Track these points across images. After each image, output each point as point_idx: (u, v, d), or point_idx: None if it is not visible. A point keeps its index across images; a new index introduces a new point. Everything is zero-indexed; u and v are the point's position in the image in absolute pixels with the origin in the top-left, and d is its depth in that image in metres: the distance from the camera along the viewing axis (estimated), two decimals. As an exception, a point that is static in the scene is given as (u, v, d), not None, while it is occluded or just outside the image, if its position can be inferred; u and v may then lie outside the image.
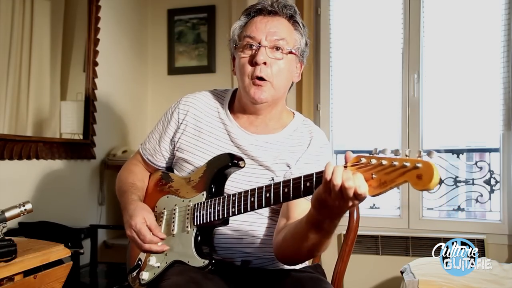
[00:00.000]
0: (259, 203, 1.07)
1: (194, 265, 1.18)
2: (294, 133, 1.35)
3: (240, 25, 1.31)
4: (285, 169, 1.29)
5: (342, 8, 3.05)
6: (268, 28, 1.25)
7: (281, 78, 1.27)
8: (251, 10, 1.30)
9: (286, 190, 1.02)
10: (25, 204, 1.18)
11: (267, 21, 1.26)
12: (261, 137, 1.32)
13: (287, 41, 1.26)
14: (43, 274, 1.22)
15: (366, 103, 3.03)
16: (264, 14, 1.28)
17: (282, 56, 1.26)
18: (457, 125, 2.90)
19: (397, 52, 2.89)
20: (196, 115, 1.38)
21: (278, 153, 1.30)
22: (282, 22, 1.27)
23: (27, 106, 2.31)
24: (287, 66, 1.28)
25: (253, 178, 1.28)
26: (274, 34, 1.25)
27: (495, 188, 2.79)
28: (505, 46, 2.65)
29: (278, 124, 1.36)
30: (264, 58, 1.23)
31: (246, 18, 1.31)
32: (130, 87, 3.16)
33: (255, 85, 1.25)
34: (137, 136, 3.21)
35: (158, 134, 1.43)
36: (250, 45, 1.26)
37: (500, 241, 2.66)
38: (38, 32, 2.36)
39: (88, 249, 2.53)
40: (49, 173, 2.43)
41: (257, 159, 1.29)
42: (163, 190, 1.37)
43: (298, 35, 1.30)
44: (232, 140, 1.32)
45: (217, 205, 1.16)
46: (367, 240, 2.80)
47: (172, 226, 1.26)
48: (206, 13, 3.22)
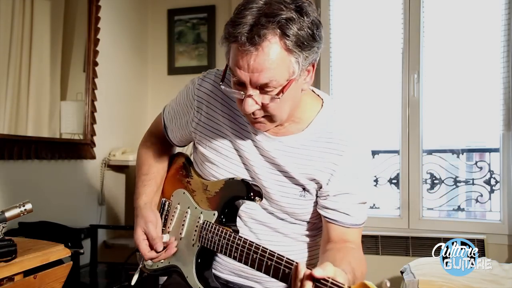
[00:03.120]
0: (259, 267, 1.00)
1: (190, 284, 1.17)
2: (321, 133, 1.13)
3: (226, 44, 1.02)
4: (313, 185, 1.14)
5: (342, 8, 3.05)
6: (251, 68, 0.96)
7: (281, 110, 1.04)
8: (225, 33, 0.99)
9: (287, 270, 0.94)
10: (25, 204, 1.17)
11: (248, 57, 0.96)
12: (284, 139, 1.14)
13: (277, 79, 0.98)
14: (43, 274, 1.22)
15: (366, 103, 3.03)
16: (242, 45, 0.95)
17: (275, 94, 1.00)
18: (457, 125, 2.90)
19: (397, 52, 2.89)
20: (216, 106, 1.20)
21: (302, 162, 1.13)
22: (267, 53, 0.95)
23: (27, 106, 2.31)
24: (286, 96, 1.02)
25: (284, 188, 1.15)
26: (258, 78, 0.97)
27: (495, 188, 2.78)
28: (505, 46, 2.65)
29: (304, 120, 1.14)
30: (252, 108, 1.02)
31: (226, 43, 1.01)
32: (130, 87, 3.16)
33: (256, 122, 1.07)
34: (137, 136, 3.21)
35: (178, 119, 1.30)
36: (237, 85, 1.03)
37: (500, 241, 2.66)
38: (38, 32, 2.36)
39: (88, 249, 2.53)
40: (49, 173, 2.43)
41: (283, 168, 1.14)
42: (181, 181, 1.32)
43: (294, 58, 0.98)
44: (256, 144, 1.16)
45: (223, 238, 1.10)
46: (367, 240, 2.80)
47: (181, 229, 1.25)
48: (206, 13, 3.22)
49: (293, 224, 1.20)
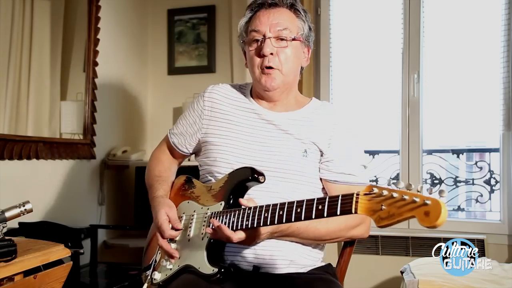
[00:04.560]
0: (272, 219, 1.09)
1: (203, 272, 1.20)
2: (316, 111, 1.40)
3: (245, 21, 1.40)
4: (315, 148, 1.34)
5: (342, 8, 3.05)
6: (271, 20, 1.33)
7: (289, 64, 1.34)
8: (253, 5, 1.38)
9: (298, 210, 1.05)
10: (25, 204, 1.18)
11: (269, 13, 1.34)
12: (284, 115, 1.38)
13: (290, 29, 1.34)
14: (43, 274, 1.22)
15: (366, 103, 3.03)
16: (266, 8, 1.35)
17: (287, 44, 1.33)
18: (457, 125, 2.90)
19: (397, 52, 2.89)
20: (221, 101, 1.44)
21: (303, 129, 1.35)
22: (284, 12, 1.35)
23: (27, 106, 2.31)
24: (294, 52, 1.35)
25: (288, 149, 1.33)
26: (277, 25, 1.32)
27: (495, 188, 2.79)
28: (505, 46, 2.65)
29: (297, 105, 1.42)
30: (270, 49, 1.31)
31: (250, 13, 1.39)
32: (130, 87, 3.16)
33: (265, 74, 1.33)
34: (137, 136, 3.21)
35: (185, 120, 1.48)
36: (256, 39, 1.34)
37: (500, 241, 2.66)
38: (38, 32, 2.36)
39: (88, 249, 2.53)
40: (49, 173, 2.43)
41: (288, 132, 1.35)
42: (185, 195, 1.41)
43: (300, 22, 1.37)
44: (260, 117, 1.38)
45: (232, 216, 1.18)
46: (367, 240, 2.80)
47: (188, 231, 1.29)
48: (206, 13, 3.22)
49: (295, 188, 1.32)
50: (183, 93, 3.14)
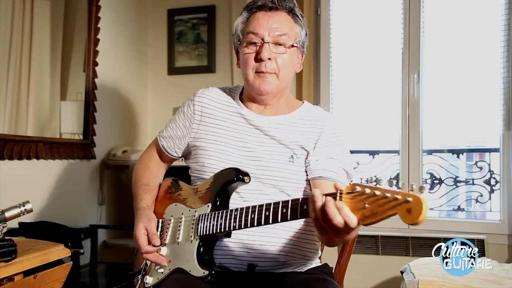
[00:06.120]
0: (259, 220, 1.10)
1: (195, 275, 1.20)
2: (306, 116, 1.39)
3: (243, 21, 1.37)
4: (302, 152, 1.32)
5: (342, 8, 3.05)
6: (270, 24, 1.30)
7: (286, 70, 1.33)
8: (253, 6, 1.35)
9: (284, 210, 1.05)
10: (25, 204, 1.18)
11: (268, 17, 1.31)
12: (273, 119, 1.37)
13: (289, 35, 1.32)
14: (43, 274, 1.22)
15: (366, 103, 3.03)
16: (266, 10, 1.33)
17: (285, 50, 1.31)
18: (457, 125, 2.90)
19: (397, 52, 2.89)
20: (211, 105, 1.42)
21: (292, 134, 1.34)
22: (283, 17, 1.33)
23: (27, 106, 2.31)
24: (290, 59, 1.34)
25: (273, 155, 1.32)
26: (276, 30, 1.30)
27: (495, 188, 2.79)
28: (505, 46, 2.65)
29: (288, 109, 1.41)
30: (268, 54, 1.29)
31: (248, 14, 1.36)
32: (130, 87, 3.16)
33: (260, 76, 1.31)
34: (137, 136, 3.21)
35: (175, 124, 1.47)
36: (254, 42, 1.31)
37: (500, 241, 2.66)
38: (38, 32, 2.36)
39: (88, 249, 2.53)
40: (49, 173, 2.43)
41: (275, 138, 1.33)
42: (172, 197, 1.40)
43: (298, 28, 1.35)
44: (249, 122, 1.37)
45: (219, 218, 1.19)
46: (367, 240, 2.80)
47: (177, 234, 1.29)
48: (206, 13, 3.22)
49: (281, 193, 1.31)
50: (183, 93, 3.12)
